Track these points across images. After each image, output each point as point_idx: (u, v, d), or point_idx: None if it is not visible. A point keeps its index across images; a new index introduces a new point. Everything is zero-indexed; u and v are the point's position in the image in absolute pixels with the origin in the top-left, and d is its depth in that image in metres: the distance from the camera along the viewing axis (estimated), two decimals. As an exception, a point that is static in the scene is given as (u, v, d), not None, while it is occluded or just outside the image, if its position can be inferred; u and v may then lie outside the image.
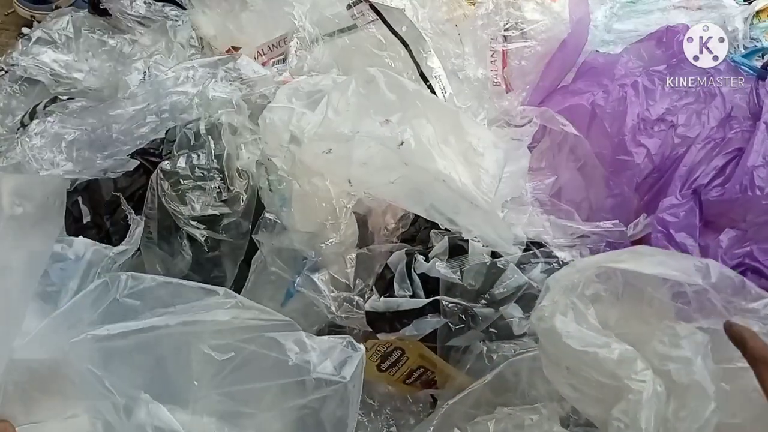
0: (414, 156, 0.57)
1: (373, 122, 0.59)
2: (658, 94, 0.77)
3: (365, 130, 0.59)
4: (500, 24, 0.85)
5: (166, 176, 0.62)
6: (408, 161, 0.58)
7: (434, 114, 0.60)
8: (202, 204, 0.62)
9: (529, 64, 0.85)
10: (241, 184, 0.65)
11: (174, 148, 0.65)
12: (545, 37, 0.84)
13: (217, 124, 0.66)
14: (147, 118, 0.75)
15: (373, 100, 0.60)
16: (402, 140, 0.58)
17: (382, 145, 0.58)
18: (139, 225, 0.61)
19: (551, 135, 0.84)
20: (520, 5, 0.84)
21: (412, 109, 0.60)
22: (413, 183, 0.59)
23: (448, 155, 0.59)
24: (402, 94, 0.60)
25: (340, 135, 0.59)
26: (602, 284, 0.53)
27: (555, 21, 0.84)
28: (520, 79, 0.86)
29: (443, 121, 0.61)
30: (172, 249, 0.63)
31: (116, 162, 0.71)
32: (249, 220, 0.65)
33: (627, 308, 0.53)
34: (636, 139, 0.75)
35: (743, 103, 0.75)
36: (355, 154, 0.58)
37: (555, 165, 0.83)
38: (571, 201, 0.78)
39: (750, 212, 0.70)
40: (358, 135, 0.58)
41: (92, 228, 0.68)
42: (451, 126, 0.61)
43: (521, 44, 0.85)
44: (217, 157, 0.64)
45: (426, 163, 0.57)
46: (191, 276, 0.63)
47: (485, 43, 0.85)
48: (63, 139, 0.77)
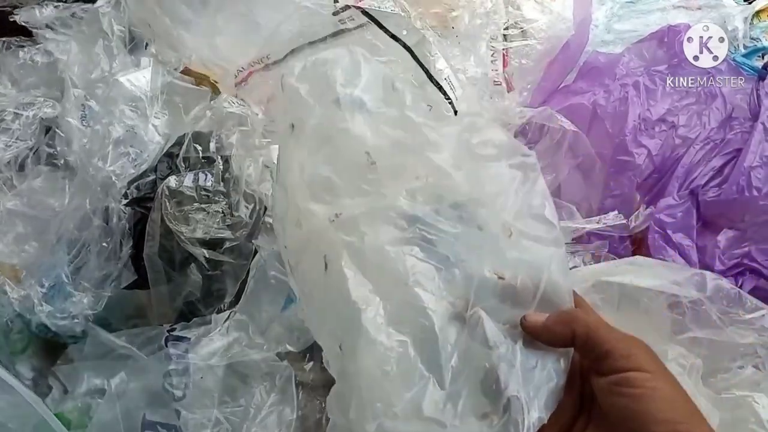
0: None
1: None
2: (659, 95, 0.76)
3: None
4: (500, 23, 0.84)
5: (171, 194, 0.62)
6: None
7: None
8: (204, 227, 0.61)
9: (530, 63, 0.84)
10: (246, 211, 0.64)
11: (180, 162, 0.65)
12: (545, 36, 0.83)
13: (227, 143, 0.66)
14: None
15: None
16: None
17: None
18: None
19: (550, 134, 0.83)
20: (519, 4, 0.83)
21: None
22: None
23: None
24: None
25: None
26: (599, 294, 0.53)
27: (555, 20, 0.83)
28: (522, 79, 0.85)
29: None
30: (174, 265, 0.63)
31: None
32: (252, 243, 0.65)
33: (623, 318, 0.53)
34: (637, 139, 0.75)
35: (744, 103, 0.74)
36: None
37: (554, 163, 0.83)
38: (571, 201, 0.78)
39: (748, 213, 0.70)
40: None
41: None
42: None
43: (521, 43, 0.84)
44: (224, 179, 0.64)
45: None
46: (193, 292, 0.64)
47: (485, 43, 0.84)
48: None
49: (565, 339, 0.38)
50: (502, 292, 0.41)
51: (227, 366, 0.65)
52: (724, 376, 0.50)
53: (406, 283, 0.41)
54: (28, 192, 0.79)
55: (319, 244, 0.45)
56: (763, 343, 0.50)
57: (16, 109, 0.82)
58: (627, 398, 0.35)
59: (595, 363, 0.38)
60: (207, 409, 0.64)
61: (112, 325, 0.73)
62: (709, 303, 0.50)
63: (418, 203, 0.44)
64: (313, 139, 0.48)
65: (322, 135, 0.48)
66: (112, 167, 0.76)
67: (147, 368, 0.65)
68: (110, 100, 0.82)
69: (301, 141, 0.49)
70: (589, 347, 0.37)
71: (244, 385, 0.65)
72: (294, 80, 0.50)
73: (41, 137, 0.83)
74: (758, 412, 0.48)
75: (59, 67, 0.85)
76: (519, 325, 0.40)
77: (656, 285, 0.50)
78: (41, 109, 0.83)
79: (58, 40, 0.88)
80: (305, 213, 0.46)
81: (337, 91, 0.48)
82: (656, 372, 0.36)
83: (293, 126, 0.50)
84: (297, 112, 0.49)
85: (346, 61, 0.49)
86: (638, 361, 0.36)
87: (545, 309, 0.40)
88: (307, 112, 0.48)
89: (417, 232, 0.43)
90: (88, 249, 0.74)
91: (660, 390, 0.35)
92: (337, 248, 0.43)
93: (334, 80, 0.48)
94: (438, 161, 0.45)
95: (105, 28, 0.87)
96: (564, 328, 0.38)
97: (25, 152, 0.81)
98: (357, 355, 0.40)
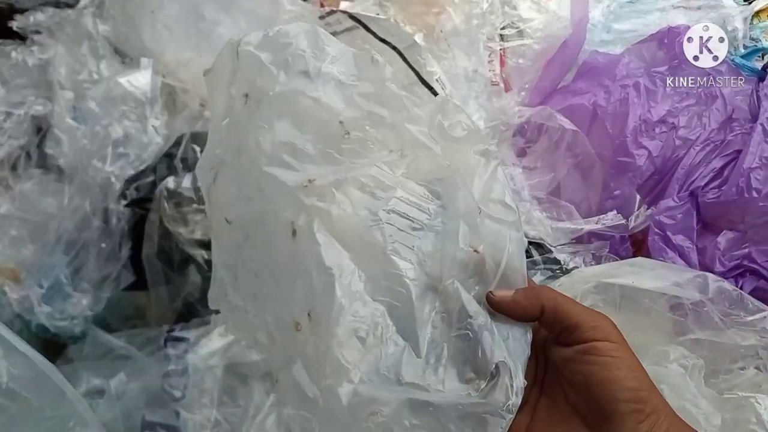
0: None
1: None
2: (659, 96, 0.75)
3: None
4: (496, 23, 0.83)
5: (169, 195, 0.61)
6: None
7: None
8: (203, 228, 0.61)
9: (527, 62, 0.83)
10: None
11: (178, 162, 0.64)
12: (542, 35, 0.82)
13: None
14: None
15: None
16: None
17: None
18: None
19: (549, 134, 0.82)
20: (515, 4, 0.83)
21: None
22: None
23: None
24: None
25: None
26: (600, 295, 0.53)
27: (552, 19, 0.82)
28: (519, 78, 0.84)
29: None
30: (173, 266, 0.62)
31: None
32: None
33: (625, 319, 0.52)
34: (637, 140, 0.74)
35: (744, 105, 0.73)
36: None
37: (553, 163, 0.82)
38: (570, 201, 0.77)
39: (748, 214, 0.69)
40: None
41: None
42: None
43: (518, 43, 0.83)
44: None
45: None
46: (192, 293, 0.63)
47: (482, 43, 0.83)
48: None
49: (534, 313, 0.40)
50: (474, 266, 0.42)
51: (226, 366, 0.64)
52: (725, 377, 0.50)
53: (383, 251, 0.41)
54: (20, 196, 0.79)
55: (285, 211, 0.43)
56: (765, 345, 0.50)
57: (7, 108, 0.82)
58: (594, 366, 0.37)
59: (561, 335, 0.40)
60: (206, 410, 0.63)
61: (111, 325, 0.72)
62: (711, 305, 0.49)
63: (396, 174, 0.44)
64: (275, 108, 0.46)
65: (287, 103, 0.46)
66: (112, 168, 0.76)
67: (146, 369, 0.65)
68: (109, 101, 0.81)
69: (258, 111, 0.47)
70: (558, 320, 0.39)
71: (244, 385, 0.65)
72: (253, 48, 0.48)
73: (33, 136, 0.83)
74: (760, 414, 0.47)
75: (49, 69, 0.85)
76: (484, 299, 0.41)
77: (658, 287, 0.49)
78: (32, 107, 0.83)
79: (49, 43, 0.88)
80: (267, 179, 0.44)
81: (307, 61, 0.47)
82: (621, 343, 0.38)
83: (247, 96, 0.48)
84: (255, 81, 0.48)
85: (311, 35, 0.48)
86: (605, 332, 0.38)
87: (502, 287, 0.42)
88: (270, 80, 0.47)
89: (394, 202, 0.43)
90: (87, 250, 0.74)
91: (625, 360, 0.37)
92: (309, 214, 0.42)
93: (301, 50, 0.47)
94: (417, 134, 0.45)
95: (90, 29, 0.87)
96: (533, 302, 0.40)
97: (17, 151, 0.81)
98: (330, 323, 0.39)
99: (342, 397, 0.37)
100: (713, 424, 0.47)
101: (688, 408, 0.46)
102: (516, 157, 0.83)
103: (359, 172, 0.44)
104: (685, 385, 0.47)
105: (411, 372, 0.38)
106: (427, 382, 0.38)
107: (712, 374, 0.50)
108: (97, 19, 0.89)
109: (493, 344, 0.39)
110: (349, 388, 0.38)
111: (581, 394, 0.38)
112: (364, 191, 0.43)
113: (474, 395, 0.37)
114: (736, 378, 0.50)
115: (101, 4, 0.90)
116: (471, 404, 0.37)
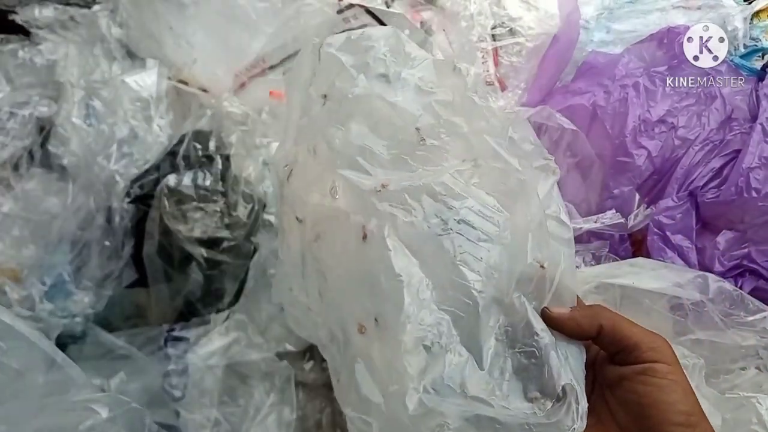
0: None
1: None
2: (659, 96, 0.75)
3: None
4: (486, 24, 0.82)
5: (170, 193, 0.60)
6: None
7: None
8: (202, 226, 0.60)
9: (521, 60, 0.83)
10: (244, 211, 0.63)
11: (180, 160, 0.64)
12: (534, 33, 0.82)
13: (227, 142, 0.64)
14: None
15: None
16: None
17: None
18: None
19: (549, 134, 0.82)
20: (504, 4, 0.82)
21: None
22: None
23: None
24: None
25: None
26: (600, 295, 0.52)
27: (542, 16, 0.81)
28: (515, 77, 0.84)
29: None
30: (173, 263, 0.62)
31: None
32: (251, 243, 0.63)
33: (625, 320, 0.52)
34: (637, 140, 0.73)
35: (743, 104, 0.72)
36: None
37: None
38: (570, 201, 0.77)
39: (747, 214, 0.69)
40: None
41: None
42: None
43: (510, 42, 0.83)
44: (223, 179, 0.62)
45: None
46: (192, 292, 0.62)
47: (473, 44, 0.82)
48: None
49: (591, 332, 0.40)
50: (537, 282, 0.41)
51: (226, 366, 0.64)
52: (726, 377, 0.49)
53: (452, 261, 0.40)
54: (22, 195, 0.78)
55: (357, 215, 0.43)
56: (765, 345, 0.49)
57: (11, 108, 0.81)
58: (651, 387, 0.37)
59: (619, 354, 0.40)
60: (206, 409, 0.63)
61: (111, 324, 0.72)
62: (711, 305, 0.49)
63: (468, 184, 0.43)
64: (353, 110, 0.46)
65: (364, 106, 0.46)
66: (116, 167, 0.76)
67: (146, 368, 0.64)
68: (115, 101, 0.81)
69: (335, 112, 0.47)
70: (617, 339, 0.39)
71: (244, 385, 0.64)
72: (335, 50, 0.48)
73: (36, 136, 0.82)
74: (761, 413, 0.47)
75: (56, 69, 0.84)
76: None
77: (658, 287, 0.49)
78: (36, 108, 0.82)
79: (55, 41, 0.87)
80: (342, 181, 0.44)
81: (387, 66, 0.46)
82: (676, 365, 0.38)
83: (325, 97, 0.48)
84: (335, 82, 0.48)
85: (393, 39, 0.48)
86: (663, 354, 0.38)
87: (555, 304, 0.41)
88: (349, 82, 0.46)
89: (465, 212, 0.42)
90: (90, 248, 0.73)
91: (680, 383, 0.38)
92: (381, 219, 0.42)
93: (382, 54, 0.47)
94: (495, 145, 0.44)
95: (103, 31, 0.87)
96: (591, 321, 0.40)
97: (20, 152, 0.80)
98: (398, 329, 0.39)
99: (408, 406, 0.37)
100: (714, 424, 0.46)
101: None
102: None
103: (432, 179, 0.43)
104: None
105: (476, 385, 0.38)
106: (492, 397, 0.38)
107: (712, 374, 0.49)
108: (111, 22, 0.89)
109: (560, 365, 0.38)
110: (415, 397, 0.37)
111: (633, 415, 0.38)
112: (436, 199, 0.42)
113: (540, 415, 0.37)
114: (736, 378, 0.50)
115: (116, 8, 0.90)
116: (538, 424, 0.36)
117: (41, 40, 0.87)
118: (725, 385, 0.49)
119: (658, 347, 0.38)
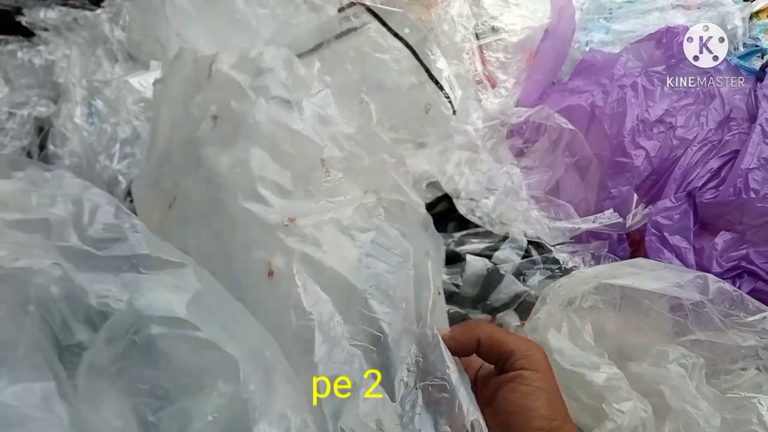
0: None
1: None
2: (657, 95, 0.73)
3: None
4: (468, 24, 0.81)
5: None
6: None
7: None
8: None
9: (507, 55, 0.82)
10: None
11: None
12: (518, 27, 0.81)
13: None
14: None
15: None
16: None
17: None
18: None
19: (548, 133, 0.81)
20: (483, 4, 0.82)
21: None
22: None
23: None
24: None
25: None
26: (600, 296, 0.51)
27: (524, 12, 0.81)
28: (502, 73, 0.83)
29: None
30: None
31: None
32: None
33: (625, 320, 0.51)
34: (635, 141, 0.72)
35: (742, 104, 0.71)
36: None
37: (551, 162, 0.80)
38: (569, 201, 0.75)
39: (746, 215, 0.67)
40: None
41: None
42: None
43: (494, 38, 0.82)
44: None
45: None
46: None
47: (457, 45, 0.81)
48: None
49: (471, 346, 0.41)
50: (435, 306, 0.43)
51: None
52: (726, 377, 0.48)
53: (362, 295, 0.40)
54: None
55: (259, 250, 0.41)
56: (765, 345, 0.48)
57: (10, 108, 0.80)
58: (517, 394, 0.38)
59: (498, 363, 0.41)
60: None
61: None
62: (711, 305, 0.47)
63: (372, 217, 0.43)
64: (252, 135, 0.43)
65: (267, 133, 0.43)
66: (119, 166, 0.74)
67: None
68: (118, 101, 0.80)
69: (233, 138, 0.44)
70: (494, 349, 0.40)
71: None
72: (228, 68, 0.45)
73: (35, 137, 0.81)
74: (762, 414, 0.45)
75: (56, 70, 0.83)
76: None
77: (658, 287, 0.47)
78: (35, 108, 0.81)
79: (58, 43, 0.86)
80: (242, 214, 0.42)
81: (289, 91, 0.44)
82: (546, 372, 0.40)
83: (216, 118, 0.45)
84: (229, 103, 0.44)
85: (289, 63, 0.46)
86: (533, 361, 0.39)
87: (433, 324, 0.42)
88: (248, 105, 0.44)
89: (371, 246, 0.41)
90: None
91: (545, 389, 0.38)
92: (288, 255, 0.40)
93: (284, 79, 0.45)
94: (396, 177, 0.45)
95: (106, 34, 0.86)
96: (470, 336, 0.41)
97: (19, 152, 0.79)
98: (310, 369, 0.38)
99: None
100: (713, 425, 0.45)
101: (688, 409, 0.45)
102: (514, 156, 0.81)
103: (339, 213, 0.42)
104: (684, 386, 0.45)
105: (389, 420, 0.38)
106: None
107: (712, 375, 0.48)
108: (114, 25, 0.89)
109: (469, 401, 0.38)
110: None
111: (501, 424, 0.39)
112: (344, 233, 0.42)
113: None
114: (736, 379, 0.48)
115: (118, 12, 0.89)
116: None
117: (44, 42, 0.86)
118: (725, 386, 0.48)
119: (531, 355, 0.39)
